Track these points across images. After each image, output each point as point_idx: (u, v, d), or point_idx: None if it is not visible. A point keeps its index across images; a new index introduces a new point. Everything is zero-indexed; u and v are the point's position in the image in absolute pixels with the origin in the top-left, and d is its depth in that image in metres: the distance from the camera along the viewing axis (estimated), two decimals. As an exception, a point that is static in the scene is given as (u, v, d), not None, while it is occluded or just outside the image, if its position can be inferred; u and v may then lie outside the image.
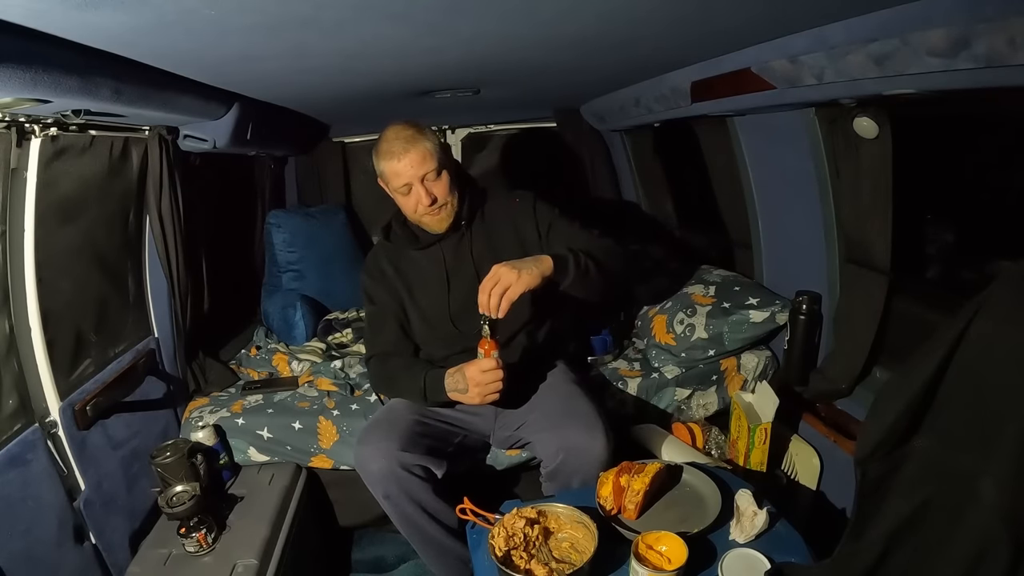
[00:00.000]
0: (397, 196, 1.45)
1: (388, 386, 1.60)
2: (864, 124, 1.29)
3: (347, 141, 3.02)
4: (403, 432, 1.39)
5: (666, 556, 1.00)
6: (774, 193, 1.83)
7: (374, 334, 1.61)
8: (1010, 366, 0.74)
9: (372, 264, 1.60)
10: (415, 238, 1.55)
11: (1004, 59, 0.77)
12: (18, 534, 1.16)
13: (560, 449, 1.35)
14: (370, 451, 1.37)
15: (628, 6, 0.92)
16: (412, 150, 1.37)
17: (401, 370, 1.52)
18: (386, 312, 1.57)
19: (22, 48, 0.81)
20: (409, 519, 1.42)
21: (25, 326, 1.30)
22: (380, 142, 1.42)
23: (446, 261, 1.53)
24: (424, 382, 1.43)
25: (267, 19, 0.85)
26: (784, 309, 1.77)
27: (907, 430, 0.84)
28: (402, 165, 1.38)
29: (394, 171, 1.39)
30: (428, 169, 1.38)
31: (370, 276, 1.59)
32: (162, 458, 1.46)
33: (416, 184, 1.39)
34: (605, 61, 1.44)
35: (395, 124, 1.43)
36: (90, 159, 1.45)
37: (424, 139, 1.39)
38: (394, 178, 1.40)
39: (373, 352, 1.60)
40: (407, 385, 1.49)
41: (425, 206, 1.41)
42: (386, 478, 1.36)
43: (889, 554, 0.86)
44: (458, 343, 1.52)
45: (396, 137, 1.39)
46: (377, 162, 1.43)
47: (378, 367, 1.58)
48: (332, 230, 2.76)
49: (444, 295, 1.53)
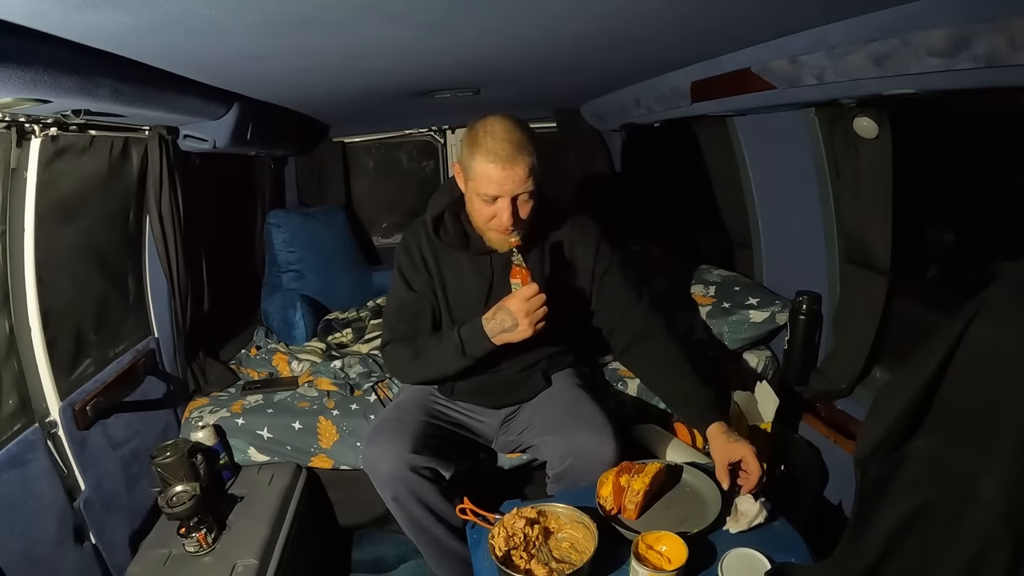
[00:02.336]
0: (474, 198, 1.29)
1: (413, 364, 1.43)
2: (864, 124, 1.29)
3: (347, 141, 3.02)
4: (412, 433, 1.35)
5: (666, 556, 1.00)
6: (774, 193, 1.83)
7: (402, 322, 1.46)
8: (1010, 366, 0.74)
9: (412, 247, 1.44)
10: (466, 240, 1.41)
11: (1004, 59, 0.77)
12: (18, 534, 1.16)
13: (568, 453, 1.34)
14: (380, 452, 1.33)
15: (628, 6, 0.92)
16: (520, 164, 1.22)
17: (426, 340, 1.41)
18: (424, 302, 1.44)
19: (22, 48, 0.81)
20: (416, 521, 1.39)
21: (25, 326, 1.29)
22: (482, 133, 1.24)
23: (493, 274, 1.41)
24: (459, 336, 1.32)
25: (267, 19, 0.85)
26: (784, 309, 1.77)
27: (907, 430, 0.84)
28: (503, 175, 1.21)
29: (490, 177, 1.22)
30: (525, 190, 1.24)
31: (409, 256, 1.44)
32: (162, 458, 1.46)
33: (506, 200, 1.25)
34: (605, 61, 1.44)
35: (502, 118, 1.25)
36: (90, 159, 1.45)
37: (530, 152, 1.24)
38: (485, 183, 1.24)
39: (394, 338, 1.47)
40: (437, 353, 1.37)
41: (505, 224, 1.26)
42: (395, 480, 1.32)
43: (889, 554, 0.86)
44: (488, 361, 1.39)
45: (506, 139, 1.22)
46: (471, 153, 1.25)
47: (401, 348, 1.45)
48: (332, 230, 2.76)
49: (480, 308, 1.37)
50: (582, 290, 1.47)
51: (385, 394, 1.87)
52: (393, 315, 1.49)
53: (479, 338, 1.31)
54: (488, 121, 1.26)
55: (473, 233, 1.40)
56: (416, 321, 1.45)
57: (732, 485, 1.18)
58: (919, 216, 1.64)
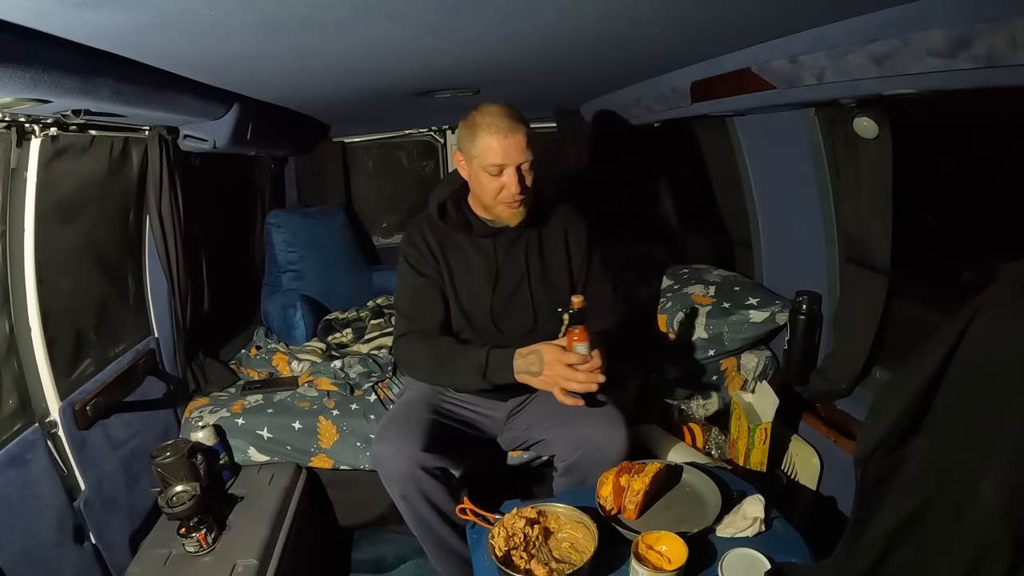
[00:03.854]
0: (480, 174, 1.35)
1: (430, 365, 1.42)
2: (864, 124, 1.29)
3: (347, 141, 3.02)
4: (423, 432, 1.35)
5: (666, 556, 1.00)
6: (774, 193, 1.83)
7: (417, 309, 1.46)
8: (1010, 366, 0.74)
9: (417, 237, 1.48)
10: (469, 225, 1.46)
11: (1004, 59, 0.77)
12: (18, 534, 1.16)
13: (579, 444, 1.35)
14: (391, 450, 1.32)
15: (628, 6, 0.92)
16: (519, 133, 1.30)
17: (451, 346, 1.40)
18: (433, 287, 1.46)
19: (22, 48, 0.81)
20: (423, 520, 1.39)
21: (25, 326, 1.29)
22: (478, 115, 1.33)
23: (497, 257, 1.47)
24: (487, 358, 1.32)
25: (267, 19, 0.85)
26: (784, 309, 1.77)
27: (907, 430, 0.84)
28: (507, 143, 1.29)
29: (493, 148, 1.30)
30: (528, 158, 1.32)
31: (416, 248, 1.47)
32: (162, 458, 1.46)
33: (512, 168, 1.32)
34: (605, 61, 1.44)
35: (491, 104, 1.35)
36: (90, 159, 1.44)
37: (526, 124, 1.33)
38: (490, 154, 1.31)
39: (413, 328, 1.46)
40: (458, 364, 1.36)
41: (513, 193, 1.33)
42: (405, 478, 1.32)
43: (889, 554, 0.86)
44: (495, 343, 1.42)
45: (501, 114, 1.31)
46: (472, 134, 1.33)
47: (420, 344, 1.43)
48: (332, 230, 2.76)
49: (488, 292, 1.46)
50: (570, 279, 1.53)
51: (385, 394, 1.87)
52: (406, 304, 1.49)
53: (504, 367, 1.31)
54: (481, 106, 1.35)
55: (475, 219, 1.47)
56: (430, 306, 1.46)
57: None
58: (919, 216, 1.64)
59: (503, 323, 1.48)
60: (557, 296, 1.49)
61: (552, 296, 1.49)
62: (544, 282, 1.49)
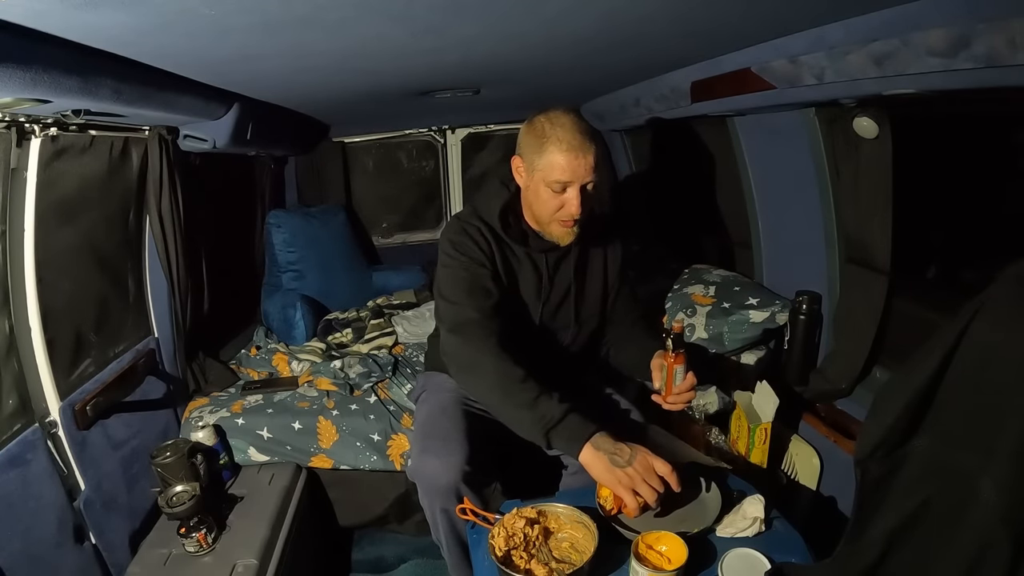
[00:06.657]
0: (541, 189, 1.26)
1: (491, 385, 1.24)
2: (864, 124, 1.29)
3: (347, 141, 3.02)
4: (468, 443, 1.29)
5: (666, 556, 1.00)
6: (774, 193, 1.83)
7: (476, 298, 1.30)
8: (1010, 366, 0.74)
9: (476, 234, 1.35)
10: (525, 238, 1.39)
11: (1004, 59, 0.77)
12: (18, 534, 1.16)
13: None
14: (438, 465, 1.25)
15: (629, 5, 0.92)
16: (590, 152, 1.22)
17: (526, 379, 1.19)
18: (492, 280, 1.34)
19: (22, 48, 0.81)
20: (457, 533, 1.35)
21: (25, 326, 1.30)
22: (548, 125, 1.22)
23: (548, 273, 1.41)
24: (564, 416, 1.15)
25: (267, 19, 0.85)
26: (784, 309, 1.77)
27: (907, 430, 0.84)
28: (577, 163, 1.21)
29: (562, 165, 1.21)
30: (594, 179, 1.24)
31: (475, 242, 1.34)
32: (162, 458, 1.46)
33: (576, 187, 1.23)
34: (605, 61, 1.44)
35: (567, 111, 1.25)
36: (90, 159, 1.45)
37: (598, 144, 1.24)
38: (557, 171, 1.22)
39: (470, 316, 1.28)
40: (525, 402, 1.17)
41: (573, 213, 1.25)
42: (450, 492, 1.25)
43: (889, 554, 0.86)
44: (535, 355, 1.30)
45: (575, 129, 1.22)
46: (539, 145, 1.23)
47: (491, 352, 1.24)
48: (332, 230, 2.77)
49: (537, 304, 1.41)
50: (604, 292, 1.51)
51: (385, 394, 1.87)
52: (463, 292, 1.31)
53: (577, 437, 1.13)
54: (553, 114, 1.24)
55: (528, 229, 1.39)
56: (490, 297, 1.32)
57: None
58: (920, 216, 1.64)
59: (545, 336, 1.45)
60: (592, 309, 1.48)
61: (588, 309, 1.48)
62: (583, 296, 1.47)
